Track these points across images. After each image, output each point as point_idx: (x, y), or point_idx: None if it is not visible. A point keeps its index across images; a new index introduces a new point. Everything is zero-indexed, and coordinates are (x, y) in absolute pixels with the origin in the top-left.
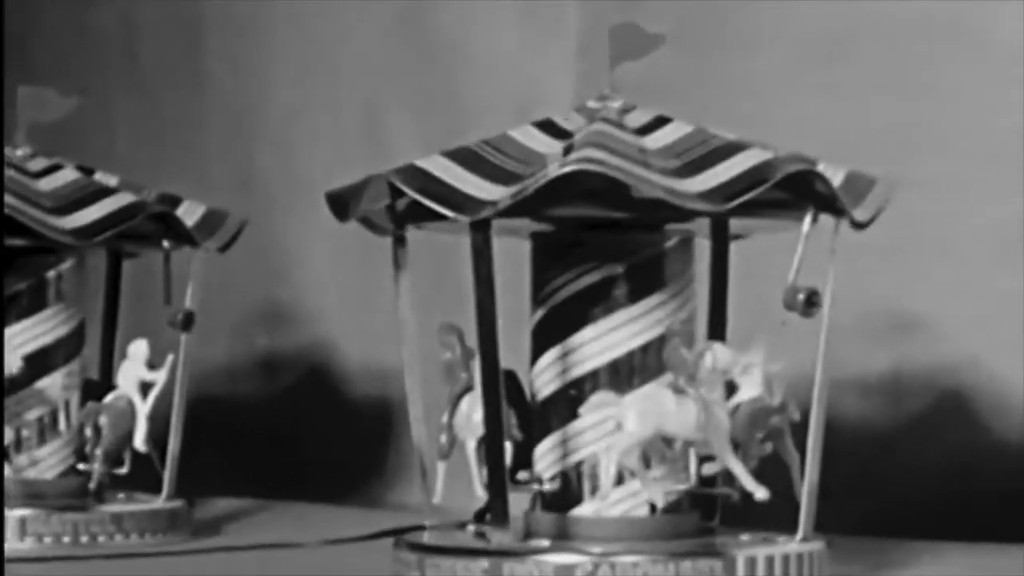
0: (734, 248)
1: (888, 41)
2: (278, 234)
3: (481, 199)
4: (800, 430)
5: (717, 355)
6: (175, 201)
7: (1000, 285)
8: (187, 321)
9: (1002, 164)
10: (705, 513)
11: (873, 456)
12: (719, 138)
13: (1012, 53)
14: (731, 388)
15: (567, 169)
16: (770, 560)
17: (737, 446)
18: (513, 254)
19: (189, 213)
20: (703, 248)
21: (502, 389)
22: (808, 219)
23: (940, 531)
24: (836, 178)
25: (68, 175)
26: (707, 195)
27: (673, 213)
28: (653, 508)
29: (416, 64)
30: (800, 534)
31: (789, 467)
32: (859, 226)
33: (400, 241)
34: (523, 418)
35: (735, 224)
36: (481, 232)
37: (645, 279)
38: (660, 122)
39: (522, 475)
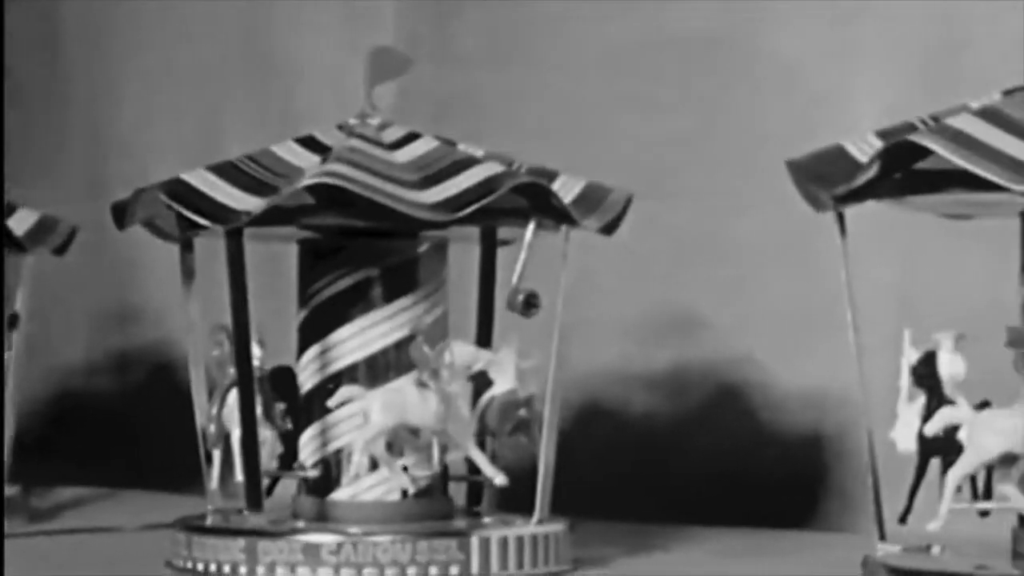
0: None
1: (678, 57)
2: (129, 239)
3: (235, 209)
4: (593, 422)
5: (455, 352)
6: (10, 208)
7: (769, 287)
8: (12, 322)
9: (771, 174)
10: (474, 499)
11: (659, 447)
12: (459, 152)
13: (785, 69)
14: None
15: (308, 182)
16: (504, 541)
17: (493, 436)
18: None
19: (22, 220)
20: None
21: (255, 385)
22: (531, 227)
23: (719, 517)
24: (573, 189)
25: None
26: (438, 206)
27: (426, 222)
28: (405, 493)
29: (253, 75)
30: (536, 517)
31: (536, 457)
32: (603, 232)
33: (186, 247)
34: (294, 410)
35: (504, 230)
36: (235, 239)
37: (399, 282)
38: (411, 137)
39: (298, 463)
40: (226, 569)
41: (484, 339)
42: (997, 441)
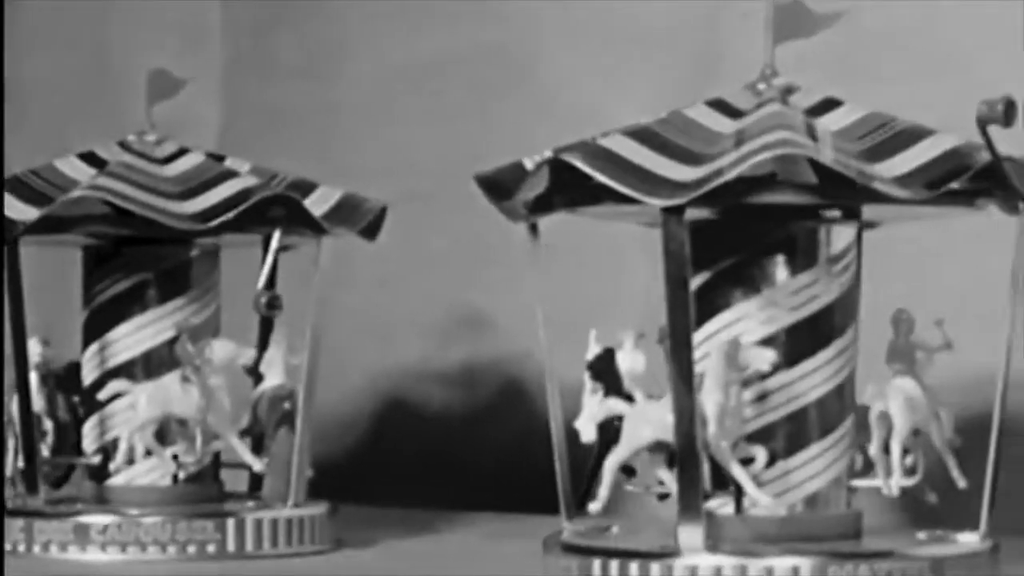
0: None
1: (469, 72)
2: None
3: (12, 220)
4: (394, 416)
5: (216, 349)
6: None
7: (550, 287)
8: None
9: None
10: (255, 485)
11: (453, 438)
12: (222, 166)
13: (556, 84)
14: None
15: (74, 195)
16: (258, 522)
17: (264, 427)
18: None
19: None
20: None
21: (40, 380)
22: (276, 235)
23: (507, 504)
24: (330, 200)
25: None
26: (194, 216)
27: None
28: (176, 478)
29: (98, 89)
30: (291, 501)
31: (295, 446)
32: (363, 237)
33: None
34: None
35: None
36: (12, 248)
37: (171, 284)
38: (181, 152)
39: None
40: (8, 547)
41: (264, 337)
42: (649, 430)
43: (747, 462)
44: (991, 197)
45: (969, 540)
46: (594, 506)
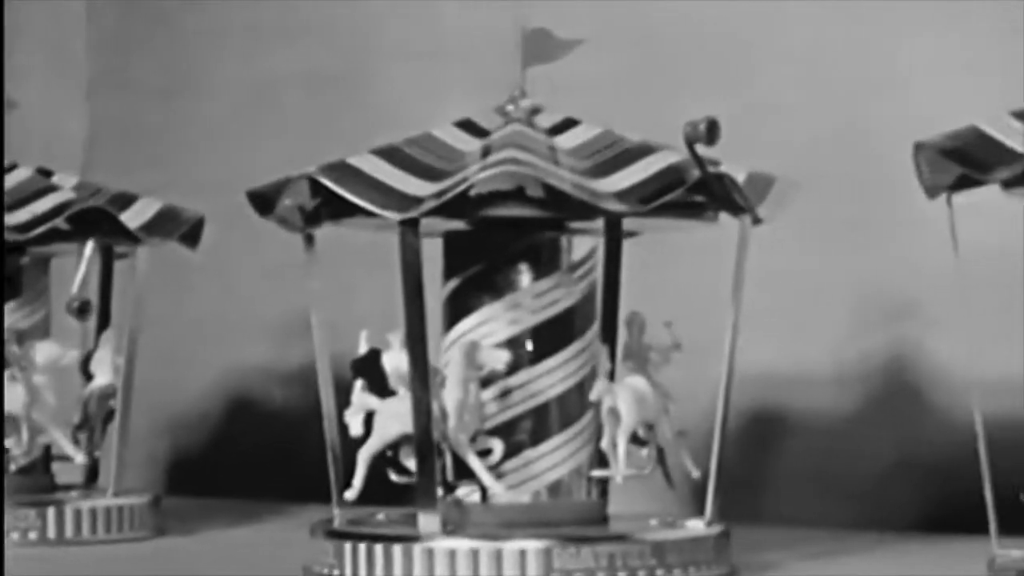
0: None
1: (312, 91)
2: None
3: None
4: (240, 413)
5: (39, 351)
6: None
7: (378, 292)
8: None
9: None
10: (91, 476)
11: (294, 434)
12: (46, 181)
13: (388, 104)
14: None
15: None
16: (77, 511)
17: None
18: None
19: None
20: None
21: None
22: (90, 245)
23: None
24: (148, 212)
25: None
26: (14, 228)
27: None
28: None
29: None
30: (111, 490)
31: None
32: (184, 245)
33: None
34: None
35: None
36: None
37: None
38: (11, 168)
39: None
40: None
41: (97, 339)
42: (398, 425)
43: (485, 454)
44: (715, 209)
45: (695, 526)
46: (349, 494)
